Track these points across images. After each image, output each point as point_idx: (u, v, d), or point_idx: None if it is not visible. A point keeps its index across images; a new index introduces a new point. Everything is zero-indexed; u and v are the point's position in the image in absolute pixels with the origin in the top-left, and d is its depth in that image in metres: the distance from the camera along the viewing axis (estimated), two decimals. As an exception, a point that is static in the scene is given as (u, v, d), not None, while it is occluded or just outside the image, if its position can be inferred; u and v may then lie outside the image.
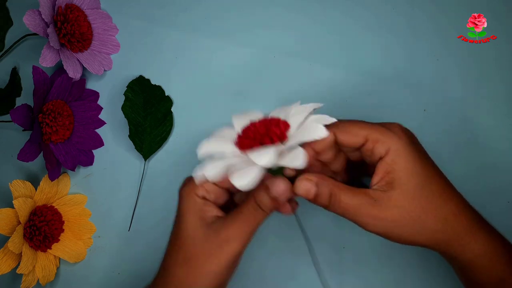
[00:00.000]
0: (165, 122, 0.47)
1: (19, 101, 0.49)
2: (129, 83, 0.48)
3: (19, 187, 0.43)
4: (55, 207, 0.46)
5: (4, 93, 0.48)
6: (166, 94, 0.48)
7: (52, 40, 0.42)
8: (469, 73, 0.46)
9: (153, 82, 0.48)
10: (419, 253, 0.43)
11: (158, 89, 0.48)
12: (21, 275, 0.42)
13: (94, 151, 0.48)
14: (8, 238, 0.40)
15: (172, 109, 0.48)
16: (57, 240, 0.46)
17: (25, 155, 0.41)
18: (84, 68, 0.47)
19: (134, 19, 0.50)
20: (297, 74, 0.47)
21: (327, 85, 0.47)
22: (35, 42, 0.50)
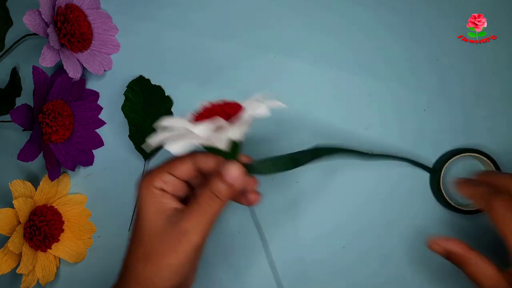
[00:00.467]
0: (165, 122, 0.47)
1: (19, 101, 0.49)
2: (129, 83, 0.48)
3: (19, 187, 0.43)
4: (55, 207, 0.46)
5: (4, 93, 0.48)
6: (166, 94, 0.48)
7: (52, 40, 0.42)
8: (469, 73, 0.46)
9: (153, 82, 0.48)
10: (419, 253, 0.43)
11: (158, 89, 0.48)
12: (21, 275, 0.42)
13: (94, 151, 0.48)
14: (8, 238, 0.40)
15: (172, 109, 0.48)
16: (57, 240, 0.46)
17: (25, 155, 0.41)
18: (84, 68, 0.47)
19: (134, 19, 0.50)
20: (297, 74, 0.47)
21: (327, 85, 0.47)
22: (35, 42, 0.50)
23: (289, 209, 0.44)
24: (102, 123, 0.49)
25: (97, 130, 0.48)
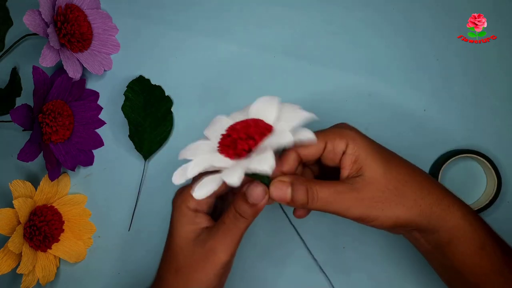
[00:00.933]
0: (165, 122, 0.47)
1: (19, 101, 0.49)
2: (129, 83, 0.48)
3: (19, 187, 0.43)
4: (55, 207, 0.46)
5: (4, 93, 0.48)
6: (166, 94, 0.48)
7: (52, 40, 0.42)
8: (469, 73, 0.46)
9: (153, 82, 0.48)
10: (418, 253, 0.43)
11: (158, 89, 0.48)
12: (21, 275, 0.42)
13: (94, 151, 0.48)
14: (8, 238, 0.40)
15: (172, 109, 0.48)
16: (57, 240, 0.46)
17: (25, 155, 0.41)
18: (84, 68, 0.47)
19: (134, 19, 0.50)
20: (297, 74, 0.47)
21: (327, 85, 0.47)
22: (35, 42, 0.50)
23: (289, 209, 0.44)
24: (102, 123, 0.49)
25: (97, 130, 0.48)
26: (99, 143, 0.48)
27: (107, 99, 0.49)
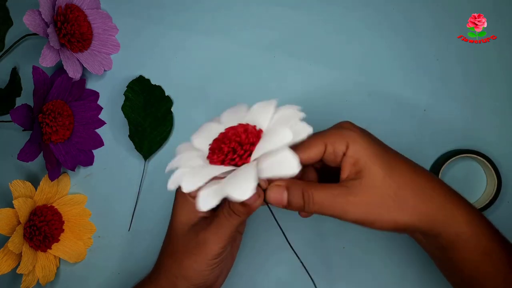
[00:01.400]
0: (165, 122, 0.47)
1: (19, 101, 0.49)
2: (129, 83, 0.48)
3: (19, 187, 0.43)
4: (55, 207, 0.46)
5: (4, 93, 0.48)
6: (166, 94, 0.48)
7: (52, 40, 0.42)
8: (469, 73, 0.46)
9: (153, 82, 0.48)
10: (419, 253, 0.43)
11: (158, 89, 0.48)
12: (21, 275, 0.42)
13: (94, 151, 0.48)
14: (8, 238, 0.40)
15: (172, 109, 0.48)
16: (57, 240, 0.46)
17: (25, 155, 0.41)
18: (84, 68, 0.47)
19: (134, 19, 0.50)
20: (297, 74, 0.47)
21: (327, 85, 0.47)
22: (35, 42, 0.50)
23: (286, 214, 0.44)
24: (102, 123, 0.49)
25: (97, 130, 0.48)
26: (99, 143, 0.48)
27: (107, 99, 0.49)
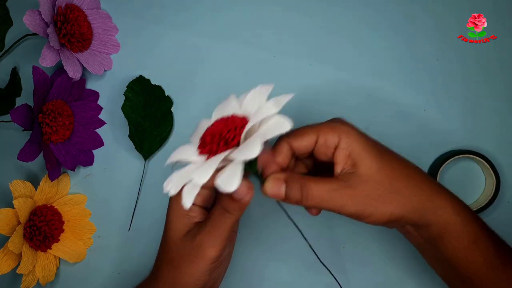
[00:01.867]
0: (165, 122, 0.47)
1: (19, 101, 0.49)
2: (129, 83, 0.48)
3: (19, 187, 0.43)
4: (55, 207, 0.46)
5: (4, 93, 0.48)
6: (166, 94, 0.48)
7: (52, 40, 0.42)
8: (469, 73, 0.46)
9: (153, 82, 0.48)
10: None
11: (158, 89, 0.48)
12: (21, 275, 0.42)
13: (94, 151, 0.48)
14: (8, 238, 0.40)
15: (172, 109, 0.48)
16: (57, 240, 0.46)
17: (25, 155, 0.41)
18: (84, 68, 0.47)
19: (134, 19, 0.50)
20: (297, 74, 0.47)
21: (326, 85, 0.47)
22: (35, 42, 0.50)
23: (289, 208, 0.44)
24: (102, 123, 0.49)
25: (97, 130, 0.48)
26: (99, 143, 0.48)
27: (107, 99, 0.49)
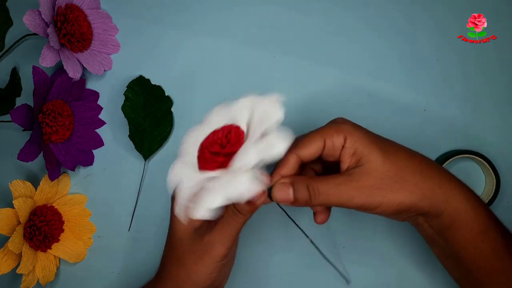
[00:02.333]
0: (165, 122, 0.47)
1: (19, 101, 0.49)
2: (129, 83, 0.48)
3: (19, 187, 0.43)
4: (55, 207, 0.46)
5: (4, 93, 0.48)
6: (166, 94, 0.48)
7: (52, 40, 0.42)
8: (469, 73, 0.46)
9: (153, 82, 0.48)
10: (419, 252, 0.43)
11: (158, 89, 0.48)
12: (21, 275, 0.42)
13: (94, 151, 0.48)
14: (8, 238, 0.40)
15: (172, 109, 0.48)
16: (57, 240, 0.46)
17: (25, 155, 0.41)
18: (84, 68, 0.47)
19: (134, 19, 0.50)
20: (297, 74, 0.47)
21: (327, 85, 0.47)
22: (35, 42, 0.50)
23: (289, 208, 0.44)
24: (102, 123, 0.49)
25: (97, 130, 0.48)
26: (99, 143, 0.48)
27: (107, 99, 0.49)
